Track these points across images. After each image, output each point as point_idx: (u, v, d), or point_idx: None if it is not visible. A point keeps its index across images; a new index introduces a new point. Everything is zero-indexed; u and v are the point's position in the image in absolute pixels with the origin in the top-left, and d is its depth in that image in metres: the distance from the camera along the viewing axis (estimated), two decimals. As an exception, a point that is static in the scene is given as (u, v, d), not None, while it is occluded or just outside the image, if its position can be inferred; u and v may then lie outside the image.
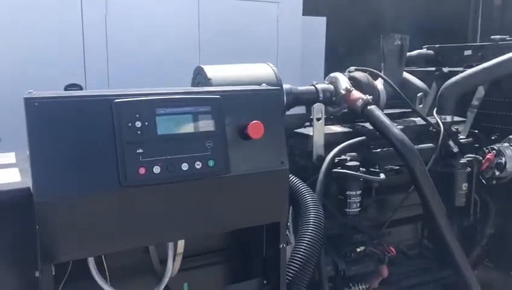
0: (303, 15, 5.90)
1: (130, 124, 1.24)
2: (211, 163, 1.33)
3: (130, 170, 1.22)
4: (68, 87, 4.86)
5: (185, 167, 1.29)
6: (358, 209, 2.06)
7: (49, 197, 1.15)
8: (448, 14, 7.14)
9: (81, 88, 4.94)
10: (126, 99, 1.24)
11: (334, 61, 5.81)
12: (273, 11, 5.71)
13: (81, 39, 4.73)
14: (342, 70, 2.46)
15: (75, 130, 1.19)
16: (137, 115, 1.25)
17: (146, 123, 1.26)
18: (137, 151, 1.24)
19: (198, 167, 1.31)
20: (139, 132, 1.25)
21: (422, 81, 2.77)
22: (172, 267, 1.41)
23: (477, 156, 2.38)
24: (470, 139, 2.51)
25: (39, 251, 1.16)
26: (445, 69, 2.76)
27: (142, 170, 1.23)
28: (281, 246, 1.53)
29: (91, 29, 4.73)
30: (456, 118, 2.49)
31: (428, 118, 2.40)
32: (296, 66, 5.61)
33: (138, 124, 1.25)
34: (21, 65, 4.38)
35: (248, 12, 5.49)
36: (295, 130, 2.23)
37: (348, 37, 6.51)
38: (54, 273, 1.22)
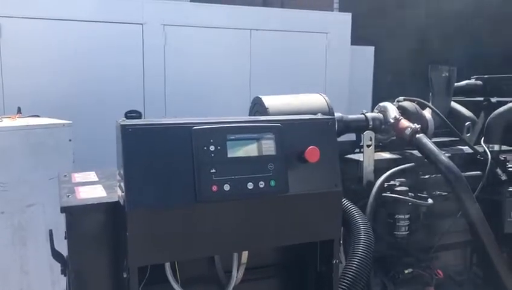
0: (351, 44, 6.05)
1: (205, 148, 1.44)
2: (272, 183, 1.50)
3: (204, 187, 1.41)
4: (128, 114, 5.20)
5: (250, 185, 1.47)
6: (406, 232, 2.15)
7: (138, 209, 1.35)
8: (501, 42, 7.02)
9: (140, 114, 5.27)
10: (203, 127, 1.45)
11: (382, 90, 5.90)
12: (322, 41, 5.89)
13: (141, 68, 5.10)
14: (390, 99, 2.58)
15: (160, 152, 1.40)
16: (212, 140, 1.45)
17: (218, 147, 1.45)
18: (211, 171, 1.43)
19: (261, 186, 1.49)
20: (212, 155, 1.44)
21: (470, 111, 2.84)
22: (236, 276, 1.58)
23: (526, 184, 2.42)
24: (518, 168, 2.53)
25: (128, 254, 1.36)
26: (494, 99, 2.82)
27: (214, 188, 1.42)
28: (334, 262, 1.66)
29: (150, 60, 5.09)
30: (504, 147, 2.54)
31: (476, 147, 2.47)
32: (344, 94, 5.73)
33: (212, 147, 1.44)
34: (87, 91, 4.76)
35: (297, 42, 5.69)
36: (345, 156, 2.36)
37: (395, 66, 6.58)
38: None
